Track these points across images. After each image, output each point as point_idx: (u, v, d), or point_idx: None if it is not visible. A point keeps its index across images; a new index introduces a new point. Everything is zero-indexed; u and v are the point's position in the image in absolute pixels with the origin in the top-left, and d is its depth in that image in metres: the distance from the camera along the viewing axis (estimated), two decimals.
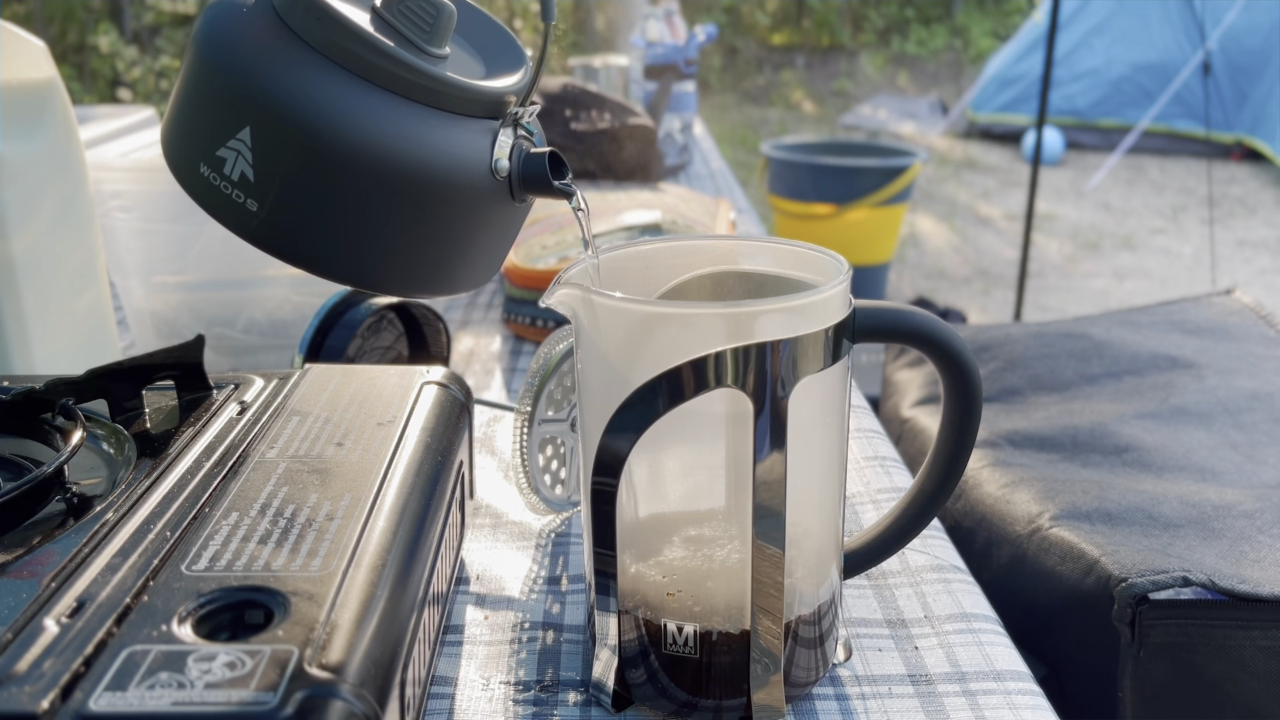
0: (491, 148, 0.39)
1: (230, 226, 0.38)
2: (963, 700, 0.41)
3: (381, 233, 0.38)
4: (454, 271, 0.41)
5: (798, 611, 0.39)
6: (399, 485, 0.38)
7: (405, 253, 0.39)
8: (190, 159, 0.38)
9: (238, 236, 0.38)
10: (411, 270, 0.40)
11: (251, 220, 0.38)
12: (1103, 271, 3.81)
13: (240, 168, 0.37)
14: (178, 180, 0.39)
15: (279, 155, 0.36)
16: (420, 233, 0.39)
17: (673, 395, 0.35)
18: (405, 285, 0.40)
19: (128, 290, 0.72)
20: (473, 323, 0.86)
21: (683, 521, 0.40)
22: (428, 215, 0.38)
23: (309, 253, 0.38)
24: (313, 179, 0.37)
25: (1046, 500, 0.74)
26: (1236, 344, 1.02)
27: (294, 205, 0.37)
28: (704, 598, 0.39)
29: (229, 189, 0.37)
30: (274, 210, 0.37)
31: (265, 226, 0.38)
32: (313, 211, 0.37)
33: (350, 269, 0.39)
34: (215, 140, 0.37)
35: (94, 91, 5.68)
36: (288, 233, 0.38)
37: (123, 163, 0.69)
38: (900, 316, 0.39)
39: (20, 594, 0.31)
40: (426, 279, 0.41)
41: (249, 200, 0.37)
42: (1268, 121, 4.94)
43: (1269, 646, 0.60)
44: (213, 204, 0.38)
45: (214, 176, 0.37)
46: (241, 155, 0.37)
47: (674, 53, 1.46)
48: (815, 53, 8.03)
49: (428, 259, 0.40)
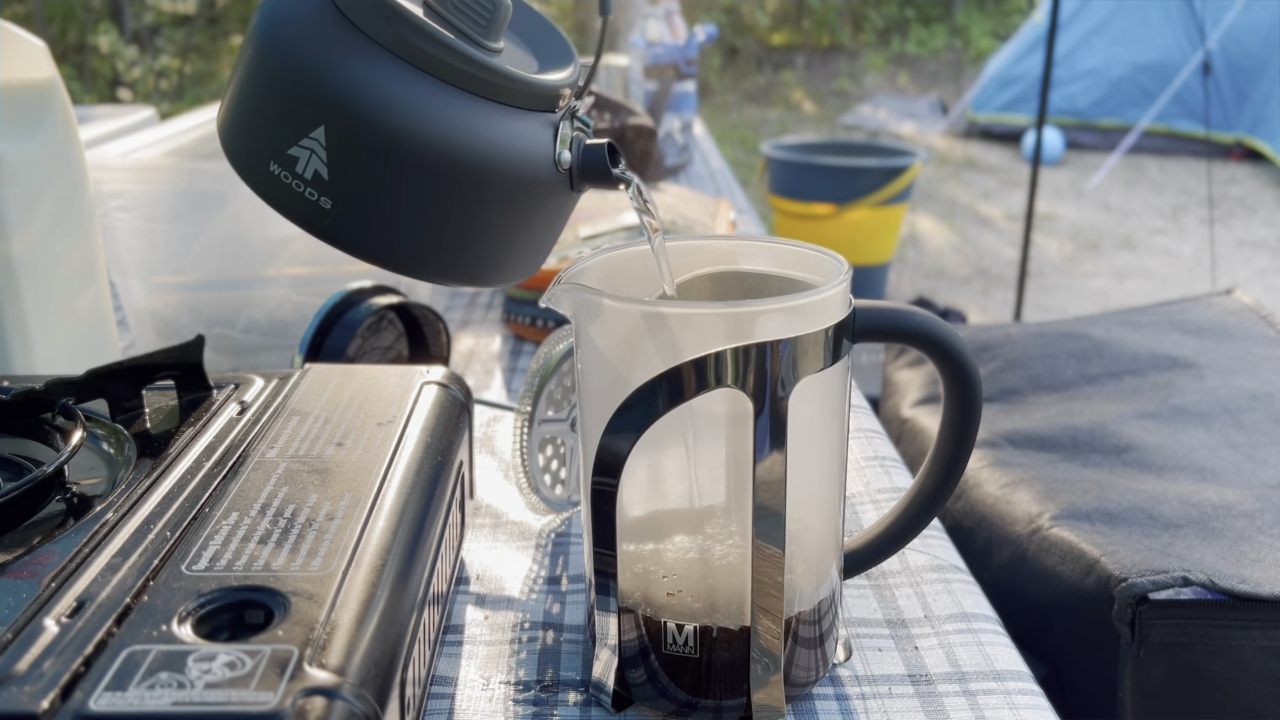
0: (554, 140, 0.40)
1: (301, 223, 0.39)
2: (963, 700, 0.41)
3: (452, 225, 0.39)
4: (517, 261, 0.42)
5: (798, 608, 0.39)
6: (399, 485, 0.38)
7: (474, 245, 0.40)
8: (258, 157, 0.38)
9: (309, 233, 0.39)
10: (479, 261, 0.41)
11: (325, 218, 0.38)
12: (1103, 271, 3.81)
13: (314, 166, 0.37)
14: (242, 177, 0.39)
15: (354, 153, 0.37)
16: (490, 225, 0.39)
17: (673, 395, 0.35)
18: (472, 276, 0.41)
19: (128, 290, 0.72)
20: (473, 323, 0.86)
21: (682, 518, 0.40)
22: (498, 208, 0.39)
23: (382, 248, 0.39)
24: (388, 176, 0.37)
25: (1046, 500, 0.74)
26: (1236, 344, 1.02)
27: (368, 202, 0.38)
28: (704, 594, 0.39)
29: (301, 187, 0.37)
30: (348, 207, 0.38)
31: (339, 223, 0.38)
32: (387, 208, 0.38)
33: (421, 263, 0.40)
34: (287, 139, 0.37)
35: (94, 91, 5.68)
36: (362, 229, 0.38)
37: (123, 163, 0.69)
38: (900, 316, 0.39)
39: (20, 594, 0.31)
40: (493, 270, 0.41)
41: (323, 198, 0.37)
42: (1268, 121, 4.94)
43: (1269, 646, 0.60)
44: (282, 201, 0.38)
45: (285, 175, 0.38)
46: (315, 154, 0.37)
47: (674, 53, 1.46)
48: (815, 53, 8.03)
49: (495, 250, 0.41)
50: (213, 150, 0.79)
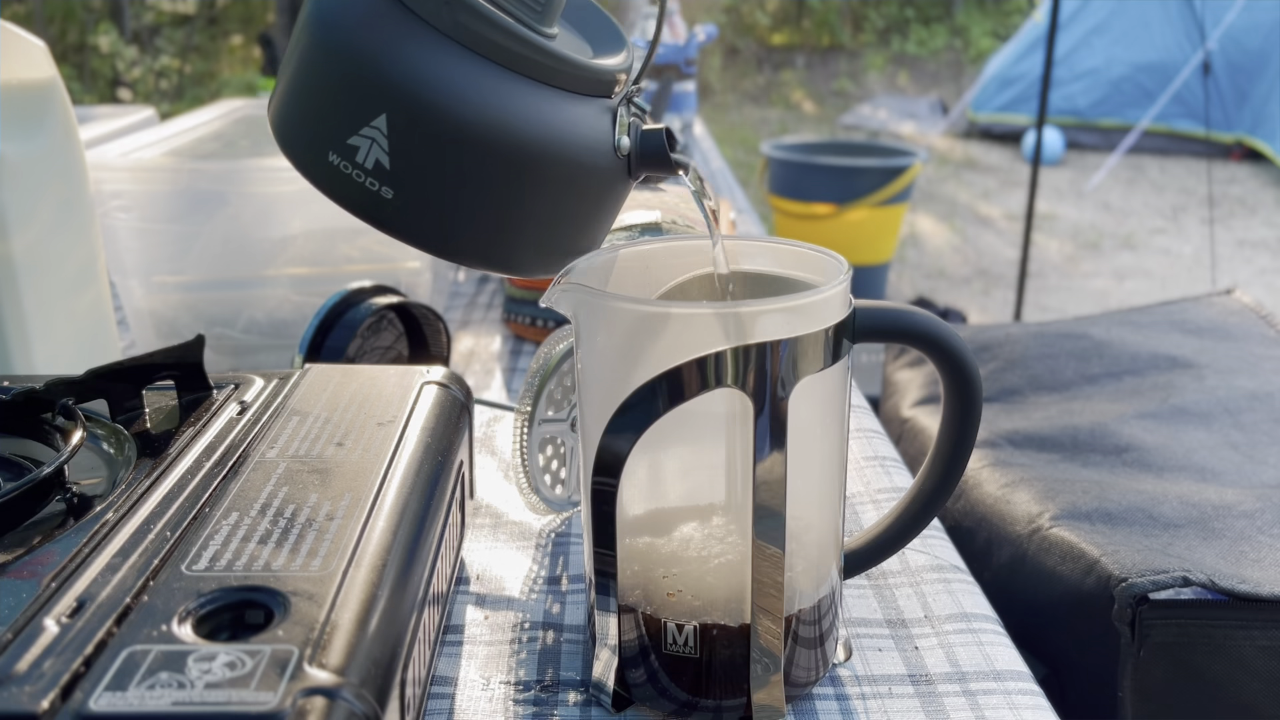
0: (613, 127, 0.39)
1: (360, 214, 0.38)
2: (963, 700, 0.41)
3: (515, 214, 0.38)
4: (573, 249, 0.41)
5: (798, 608, 0.39)
6: (399, 485, 0.38)
7: (536, 233, 0.39)
8: (316, 147, 0.38)
9: (367, 223, 0.38)
10: (539, 249, 0.40)
11: (386, 207, 0.37)
12: (1103, 271, 3.81)
13: (375, 155, 0.36)
14: (299, 169, 0.39)
15: (417, 142, 0.36)
16: (551, 212, 0.39)
17: (673, 395, 0.35)
18: (532, 265, 0.41)
19: (128, 290, 0.72)
20: (473, 323, 0.86)
21: (682, 516, 0.40)
22: (558, 195, 0.39)
23: (444, 237, 0.38)
24: (452, 165, 0.36)
25: (1046, 500, 0.74)
26: (1236, 344, 1.02)
27: (430, 190, 0.37)
28: (704, 591, 0.39)
29: (362, 177, 0.37)
30: (410, 196, 0.37)
31: (401, 213, 0.37)
32: (450, 196, 0.37)
33: (482, 251, 0.39)
34: (347, 129, 0.36)
35: (94, 91, 5.68)
36: (423, 218, 0.38)
37: (123, 163, 0.69)
38: (900, 316, 0.39)
39: (20, 594, 0.31)
40: (552, 257, 0.41)
41: (384, 188, 0.37)
42: (1268, 121, 4.94)
43: (1269, 646, 0.60)
44: (342, 192, 0.38)
45: (345, 165, 0.37)
46: (376, 143, 0.36)
47: (674, 53, 1.46)
48: (815, 53, 8.03)
49: (555, 238, 0.40)
50: (213, 150, 0.79)
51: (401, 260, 0.75)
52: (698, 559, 0.39)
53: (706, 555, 0.39)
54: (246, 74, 6.29)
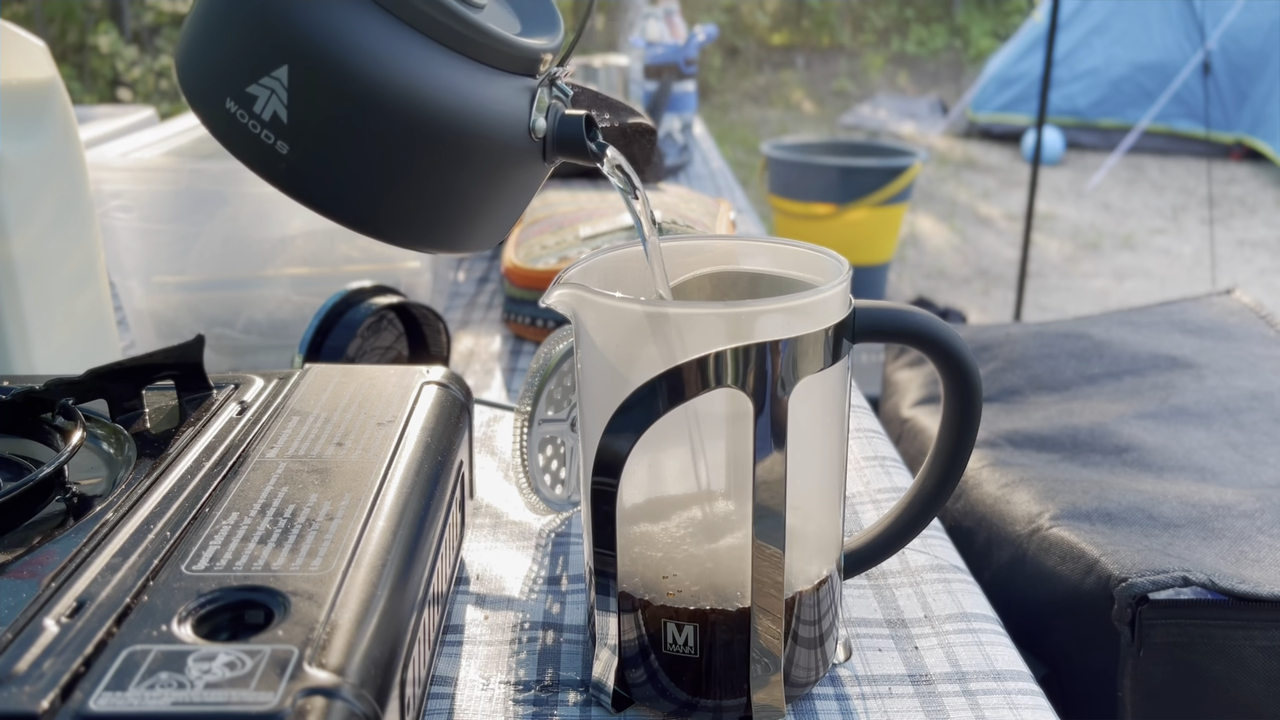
0: (530, 106, 0.38)
1: (255, 167, 0.37)
2: (963, 700, 0.41)
3: (413, 184, 0.37)
4: (476, 228, 0.40)
5: (798, 607, 0.39)
6: (399, 485, 0.38)
7: (433, 206, 0.38)
8: (215, 93, 0.36)
9: (262, 178, 0.37)
10: (436, 224, 0.39)
11: (280, 163, 0.36)
12: (1103, 271, 3.81)
13: (273, 107, 0.35)
14: (196, 113, 0.37)
15: (318, 98, 0.35)
16: (452, 187, 0.38)
17: (673, 395, 0.35)
18: (426, 239, 0.39)
19: (128, 290, 0.72)
20: (473, 323, 0.86)
21: (681, 503, 0.40)
22: (464, 170, 0.38)
23: (336, 200, 0.37)
24: (352, 125, 0.35)
25: (1046, 500, 0.74)
26: (1236, 344, 1.02)
27: (328, 151, 0.36)
28: (702, 576, 0.38)
29: (258, 128, 0.36)
30: (306, 154, 0.36)
31: (294, 170, 0.36)
32: (347, 158, 0.36)
33: (375, 218, 0.38)
34: (247, 76, 0.35)
35: (94, 91, 5.68)
36: (319, 179, 0.37)
37: (123, 163, 0.69)
38: (900, 316, 0.39)
39: (20, 594, 0.31)
40: (448, 234, 0.40)
41: (279, 142, 0.36)
42: (1268, 121, 4.94)
43: (1269, 646, 0.60)
44: (237, 142, 0.36)
45: (242, 114, 0.36)
46: (275, 94, 0.35)
47: (674, 53, 1.46)
48: (815, 53, 8.03)
49: (454, 214, 0.39)
50: (213, 150, 0.79)
51: (401, 260, 0.75)
52: (695, 543, 0.39)
53: (705, 541, 0.39)
54: None
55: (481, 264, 1.03)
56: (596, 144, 0.40)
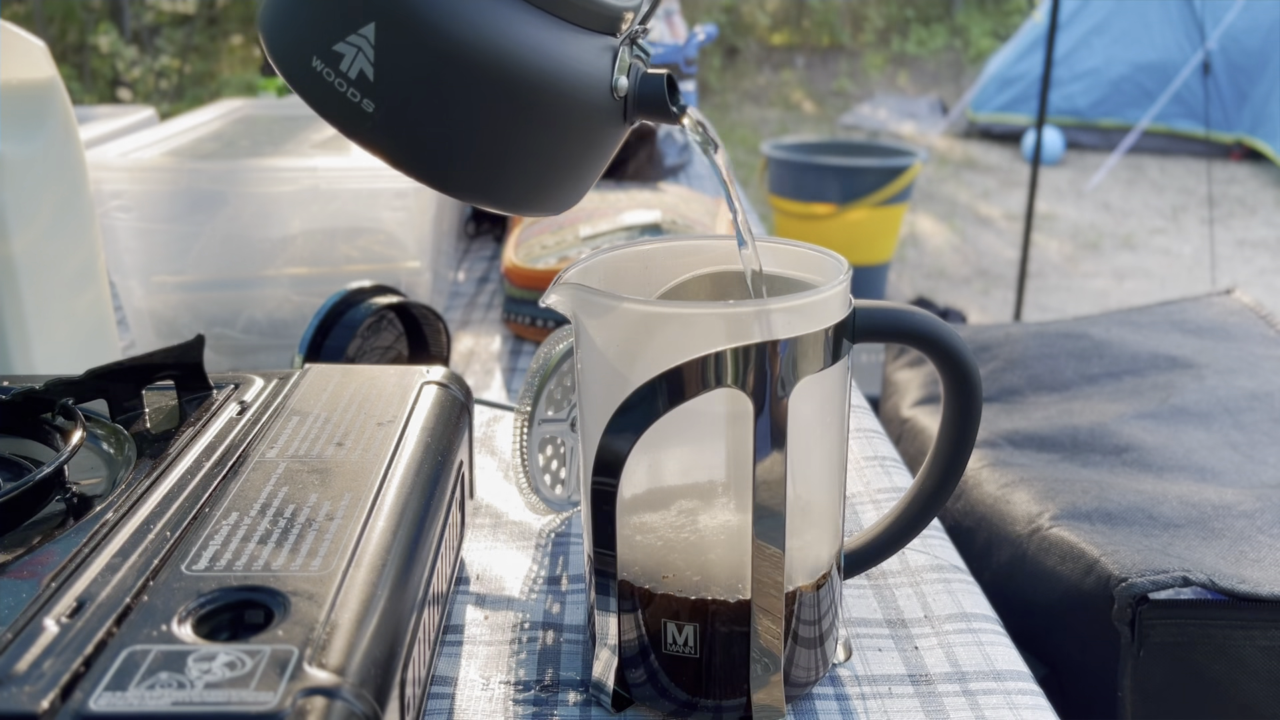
0: (613, 66, 0.38)
1: (340, 126, 0.37)
2: (963, 700, 0.41)
3: (499, 143, 0.37)
4: (557, 189, 0.40)
5: (798, 607, 0.39)
6: (399, 485, 0.38)
7: (516, 165, 0.38)
8: (301, 51, 0.36)
9: (346, 136, 0.37)
10: (519, 184, 0.39)
11: (366, 121, 0.36)
12: (1103, 271, 3.81)
13: (360, 65, 0.35)
14: (280, 71, 0.37)
15: (404, 56, 0.35)
16: (535, 146, 0.38)
17: (673, 395, 0.35)
18: (507, 198, 0.39)
19: (128, 290, 0.72)
20: (473, 323, 0.86)
21: (680, 493, 0.40)
22: (547, 129, 0.37)
23: (421, 159, 0.37)
24: (437, 83, 0.35)
25: (1046, 500, 0.74)
26: (1236, 344, 1.02)
27: (413, 109, 0.36)
28: (702, 568, 0.38)
29: (344, 86, 0.36)
30: (391, 112, 0.36)
31: (380, 129, 0.36)
32: (434, 117, 0.36)
33: (458, 177, 0.38)
34: (334, 34, 0.35)
35: (94, 91, 5.68)
36: (403, 136, 0.36)
37: (123, 163, 0.69)
38: (900, 316, 0.39)
39: (20, 594, 0.31)
40: (529, 194, 0.40)
41: (365, 100, 0.36)
42: (1268, 121, 4.94)
43: (1269, 646, 0.60)
44: (323, 100, 0.36)
45: (328, 72, 0.36)
46: (363, 52, 0.35)
47: (674, 53, 1.46)
48: (815, 53, 8.03)
49: (536, 173, 0.39)
50: (212, 150, 0.79)
51: (401, 260, 0.75)
52: (694, 532, 0.39)
53: (704, 529, 0.39)
54: (246, 74, 6.29)
55: (481, 264, 1.03)
56: (677, 104, 0.39)
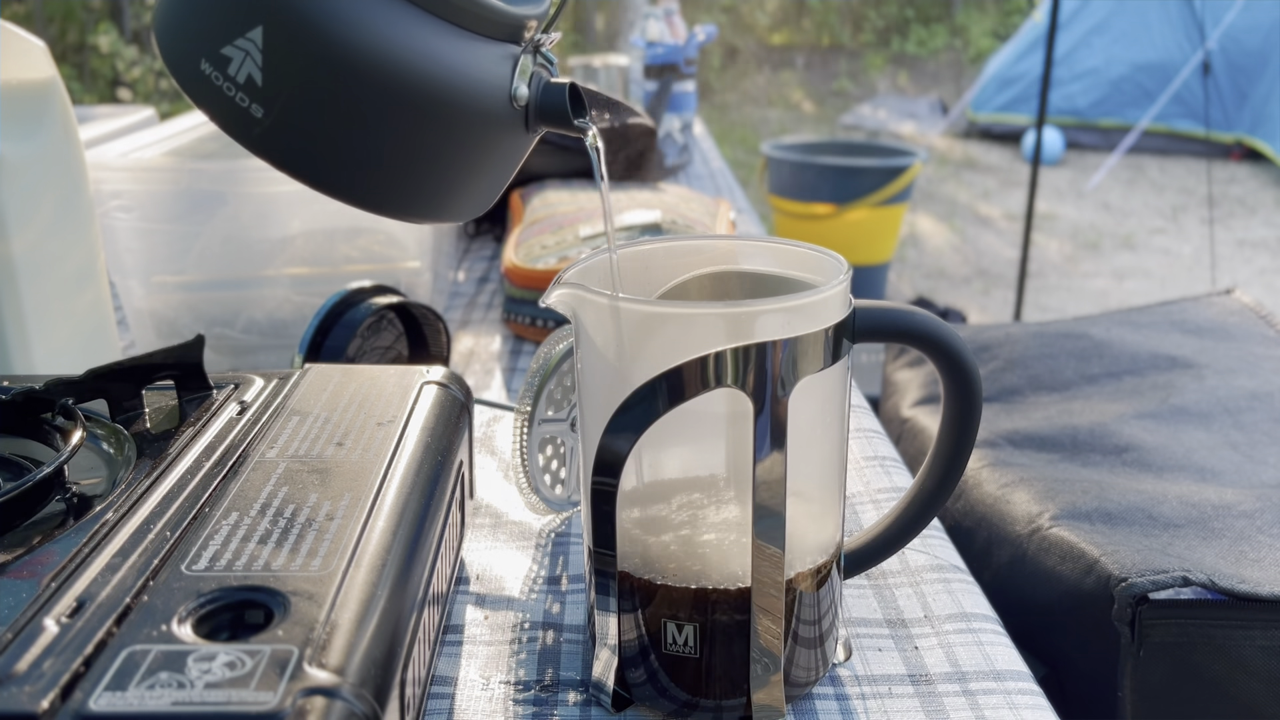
0: (512, 74, 0.38)
1: (230, 131, 0.36)
2: (963, 700, 0.41)
3: (391, 151, 0.37)
4: (455, 198, 0.40)
5: (798, 609, 0.39)
6: (399, 485, 0.38)
7: (412, 174, 0.38)
8: (190, 53, 0.36)
9: (237, 141, 0.37)
10: (414, 192, 0.38)
11: (255, 127, 0.35)
12: (1103, 271, 3.81)
13: (248, 70, 0.35)
14: (172, 74, 0.37)
15: (293, 61, 0.34)
16: (431, 155, 0.37)
17: (673, 395, 0.35)
18: (404, 207, 0.39)
19: (128, 290, 0.72)
20: (473, 323, 0.86)
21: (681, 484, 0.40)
22: (442, 137, 0.37)
23: (311, 166, 0.37)
24: (326, 89, 0.35)
25: (1046, 500, 0.74)
26: (1236, 344, 1.02)
27: (303, 115, 0.35)
28: (703, 556, 0.38)
29: (233, 91, 0.35)
30: (280, 118, 0.35)
31: (269, 135, 0.36)
32: (322, 123, 0.35)
33: (352, 186, 0.37)
34: (222, 36, 0.35)
35: (94, 91, 5.68)
36: (292, 143, 0.36)
37: (123, 163, 0.69)
38: (900, 316, 0.39)
39: (20, 594, 0.31)
40: (427, 203, 0.39)
41: (254, 105, 0.35)
42: (1268, 121, 4.94)
43: (1269, 646, 0.60)
44: (212, 105, 0.36)
45: (217, 76, 0.35)
46: (250, 56, 0.34)
47: (674, 53, 1.46)
48: (815, 53, 8.03)
49: (433, 182, 0.38)
50: (213, 150, 0.79)
51: (401, 260, 0.75)
52: (695, 522, 0.39)
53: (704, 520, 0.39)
54: None
55: (481, 264, 1.03)
56: (580, 115, 0.39)
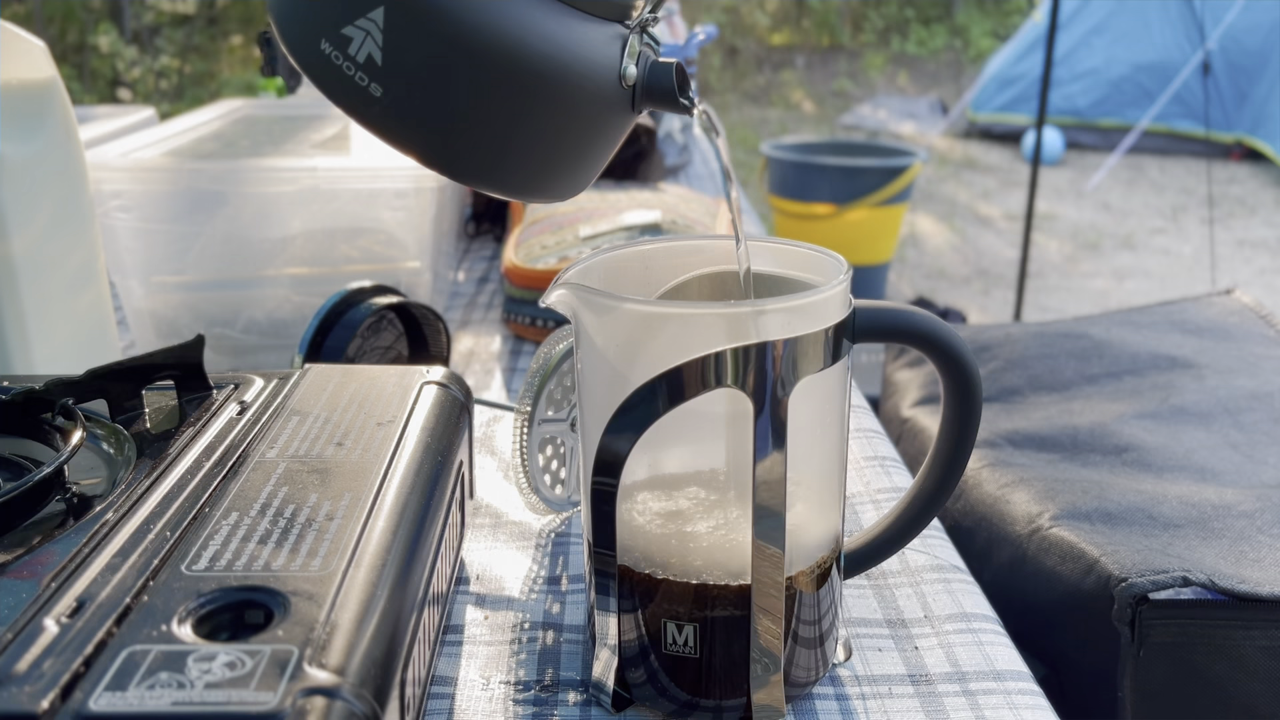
0: (622, 53, 0.38)
1: (349, 109, 0.37)
2: (963, 700, 0.41)
3: (506, 130, 0.37)
4: (562, 176, 0.41)
5: (798, 609, 0.39)
6: (399, 485, 0.38)
7: (523, 152, 0.38)
8: (310, 33, 0.36)
9: (354, 119, 0.37)
10: (524, 170, 0.39)
11: (374, 105, 0.36)
12: (1103, 271, 3.81)
13: (368, 49, 0.35)
14: (290, 54, 0.38)
15: (412, 41, 0.35)
16: (542, 132, 0.38)
17: (673, 395, 0.35)
18: (513, 184, 0.40)
19: (128, 290, 0.72)
20: (473, 323, 0.86)
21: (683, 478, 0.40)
22: (554, 116, 0.38)
23: (428, 143, 0.37)
24: (445, 69, 0.35)
25: (1046, 500, 0.74)
26: (1236, 344, 1.02)
27: (421, 94, 0.36)
28: (703, 552, 0.38)
29: (352, 70, 0.36)
30: (399, 97, 0.36)
31: (388, 113, 0.36)
32: (441, 102, 0.36)
33: (465, 162, 0.38)
34: (343, 17, 0.35)
35: (94, 91, 5.68)
36: (410, 121, 0.37)
37: (123, 163, 0.69)
38: (900, 316, 0.39)
39: (20, 594, 0.31)
40: (534, 180, 0.40)
41: (373, 84, 0.36)
42: (1268, 121, 4.94)
43: (1269, 646, 0.60)
44: (332, 84, 0.37)
45: (337, 55, 0.36)
46: (371, 36, 0.35)
47: (674, 53, 1.46)
48: (815, 53, 8.03)
49: (543, 160, 0.39)
50: (212, 150, 0.79)
51: (401, 260, 0.75)
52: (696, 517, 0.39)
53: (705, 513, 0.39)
54: (246, 74, 6.29)
55: (482, 264, 1.03)
56: (687, 95, 0.39)
